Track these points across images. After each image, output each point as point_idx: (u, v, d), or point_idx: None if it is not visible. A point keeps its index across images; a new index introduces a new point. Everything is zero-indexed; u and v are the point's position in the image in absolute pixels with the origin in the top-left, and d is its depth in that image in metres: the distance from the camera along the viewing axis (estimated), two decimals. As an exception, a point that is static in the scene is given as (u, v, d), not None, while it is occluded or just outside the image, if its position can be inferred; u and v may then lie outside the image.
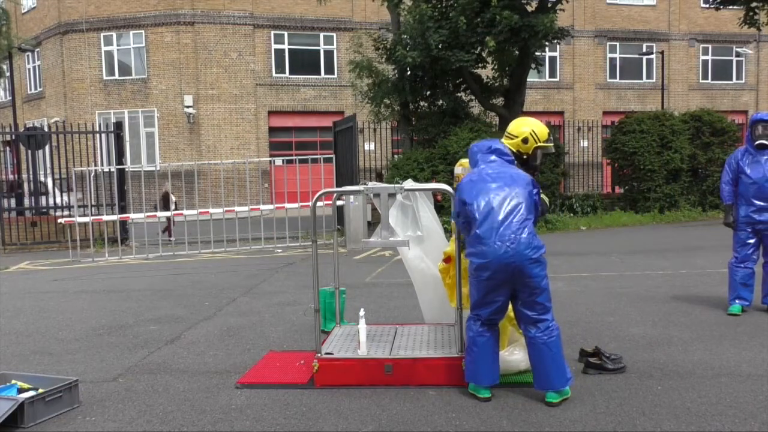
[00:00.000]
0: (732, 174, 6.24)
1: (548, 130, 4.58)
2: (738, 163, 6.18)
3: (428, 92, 16.15)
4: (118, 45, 24.96)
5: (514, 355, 4.50)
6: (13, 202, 15.90)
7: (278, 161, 22.21)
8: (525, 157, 4.52)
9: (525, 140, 4.49)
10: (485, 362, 4.06)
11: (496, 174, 4.09)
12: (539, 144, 4.49)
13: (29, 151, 14.84)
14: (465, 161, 4.74)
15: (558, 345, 3.97)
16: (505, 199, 3.97)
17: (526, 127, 4.51)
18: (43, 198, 17.03)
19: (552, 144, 4.60)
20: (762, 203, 6.07)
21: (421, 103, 16.46)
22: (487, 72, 16.59)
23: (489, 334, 4.07)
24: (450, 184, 4.91)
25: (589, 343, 5.07)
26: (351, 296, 6.80)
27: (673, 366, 4.64)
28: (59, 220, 13.31)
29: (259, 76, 25.00)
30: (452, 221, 4.34)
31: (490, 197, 3.98)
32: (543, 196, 4.58)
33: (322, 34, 25.72)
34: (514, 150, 4.53)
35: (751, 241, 6.21)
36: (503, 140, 4.65)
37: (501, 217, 3.92)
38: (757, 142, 6.04)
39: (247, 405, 4.12)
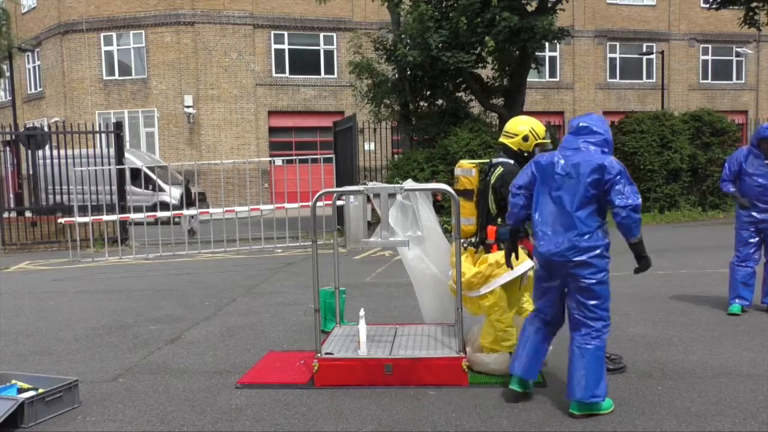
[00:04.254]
0: (732, 174, 6.23)
1: (544, 127, 4.64)
2: (741, 164, 6.17)
3: (428, 92, 16.12)
4: (118, 45, 24.96)
5: (491, 357, 4.51)
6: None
7: (278, 161, 22.20)
8: (526, 155, 4.56)
9: (525, 138, 4.54)
10: (523, 349, 4.02)
11: (564, 164, 3.82)
12: (538, 141, 4.54)
13: (29, 151, 14.83)
14: (464, 162, 4.75)
15: (593, 356, 3.76)
16: (559, 195, 3.81)
17: (524, 126, 4.57)
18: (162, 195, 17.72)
19: (549, 140, 4.65)
20: (765, 206, 6.07)
21: (421, 103, 16.44)
22: (487, 72, 16.57)
23: (539, 326, 4.04)
24: (450, 184, 4.91)
25: (589, 343, 5.06)
26: (351, 296, 6.80)
27: (673, 366, 4.64)
28: (59, 220, 13.30)
29: (259, 76, 24.99)
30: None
31: (547, 192, 3.87)
32: None
33: (322, 34, 25.72)
34: (515, 149, 4.57)
35: (753, 240, 6.21)
36: (502, 139, 4.68)
37: (549, 215, 3.85)
38: None
39: (247, 405, 4.12)
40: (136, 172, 16.19)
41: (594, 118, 3.97)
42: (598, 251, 3.76)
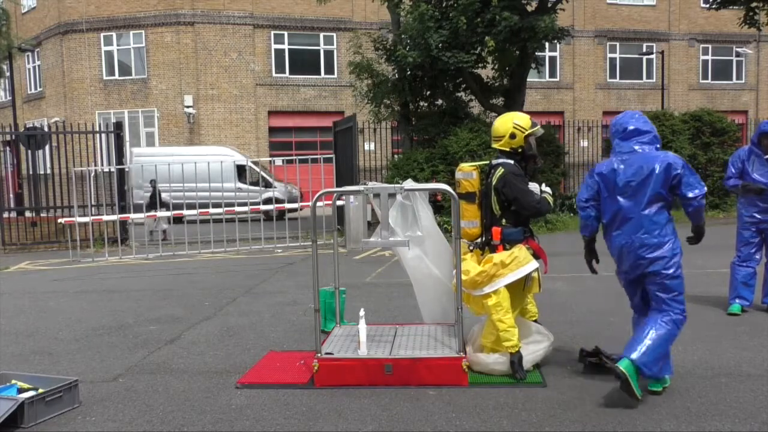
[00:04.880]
0: (737, 172, 6.23)
1: (528, 116, 4.61)
2: (743, 163, 6.17)
3: (428, 92, 16.12)
4: (118, 45, 24.95)
5: (491, 357, 4.51)
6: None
7: (278, 161, 22.19)
8: (520, 150, 4.55)
9: (512, 135, 4.52)
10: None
11: (626, 169, 4.04)
12: (527, 132, 4.52)
13: (29, 151, 14.83)
14: (464, 165, 4.74)
15: (665, 336, 3.98)
16: (626, 199, 4.03)
17: (507, 124, 4.55)
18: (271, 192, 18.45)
19: (538, 127, 4.61)
20: (766, 205, 6.08)
21: (421, 103, 16.44)
22: (487, 72, 16.57)
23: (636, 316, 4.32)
24: (450, 185, 4.90)
25: (589, 343, 5.06)
26: (351, 296, 6.80)
27: (673, 366, 4.63)
28: (59, 220, 13.30)
29: (259, 76, 24.99)
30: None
31: (613, 198, 4.09)
32: (547, 195, 4.60)
33: (322, 34, 25.72)
34: (507, 149, 4.56)
35: (755, 240, 6.22)
36: (493, 145, 4.68)
37: (617, 219, 4.09)
38: None
39: (247, 405, 4.12)
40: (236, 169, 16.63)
41: (637, 117, 4.16)
42: (668, 246, 3.99)
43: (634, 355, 3.87)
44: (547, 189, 4.65)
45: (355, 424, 3.78)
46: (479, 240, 4.61)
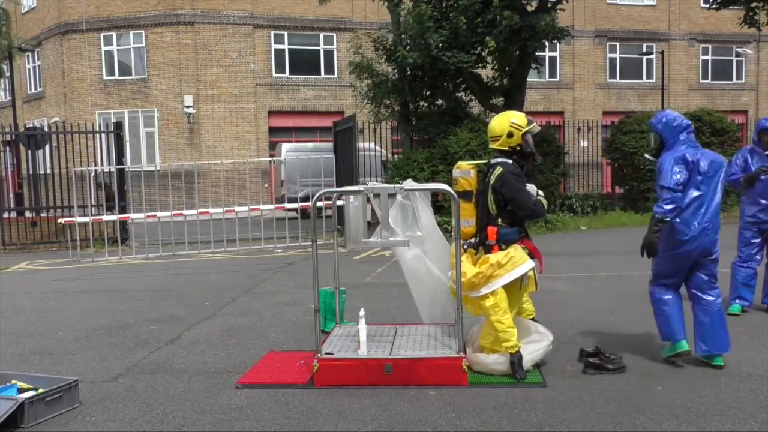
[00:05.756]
0: (739, 169, 6.24)
1: (523, 114, 4.63)
2: (746, 160, 6.19)
3: (428, 92, 16.12)
4: (118, 45, 24.94)
5: (491, 357, 4.50)
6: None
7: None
8: (518, 148, 4.55)
9: (510, 134, 4.52)
10: (677, 318, 4.61)
11: (704, 162, 4.45)
12: (524, 130, 4.52)
13: (29, 151, 14.83)
14: (462, 163, 4.74)
15: (723, 314, 4.64)
16: (706, 189, 4.44)
17: (504, 123, 4.55)
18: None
19: (535, 124, 4.62)
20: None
21: (421, 103, 16.44)
22: (487, 72, 16.57)
23: (674, 295, 4.66)
24: (450, 184, 4.90)
25: (589, 343, 5.07)
26: (351, 296, 6.79)
27: (673, 366, 4.63)
28: (59, 220, 13.30)
29: (259, 76, 24.98)
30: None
31: (692, 187, 4.44)
32: (541, 198, 4.60)
33: (322, 34, 25.71)
34: (505, 148, 4.56)
35: (756, 240, 6.22)
36: (491, 145, 4.68)
37: (697, 207, 4.44)
38: None
39: (247, 405, 4.12)
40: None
41: (682, 117, 4.62)
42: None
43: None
44: (541, 192, 4.67)
45: (355, 424, 3.78)
46: (473, 239, 4.60)
